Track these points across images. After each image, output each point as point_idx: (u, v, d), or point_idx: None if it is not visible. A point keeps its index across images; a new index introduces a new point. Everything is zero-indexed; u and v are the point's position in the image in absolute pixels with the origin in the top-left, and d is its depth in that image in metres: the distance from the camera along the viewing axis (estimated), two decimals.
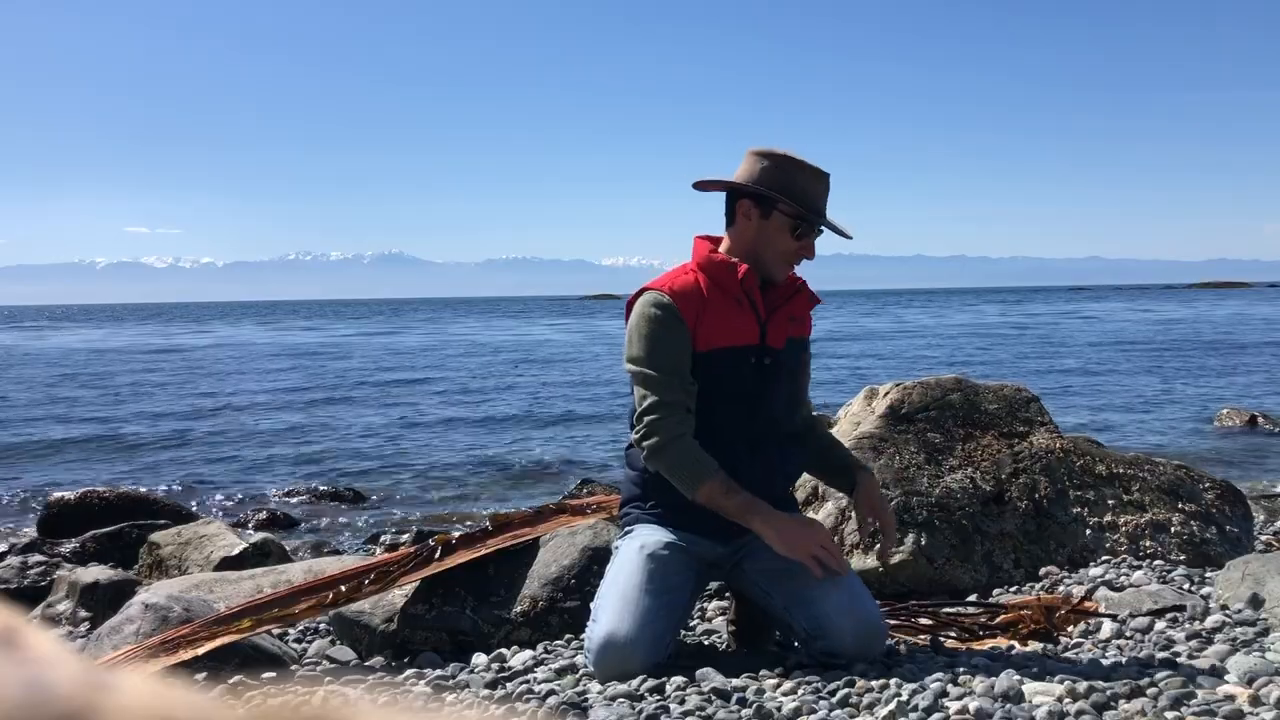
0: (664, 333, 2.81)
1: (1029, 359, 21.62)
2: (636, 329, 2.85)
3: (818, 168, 2.90)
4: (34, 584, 4.75)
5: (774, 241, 2.89)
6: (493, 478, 9.23)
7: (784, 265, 2.92)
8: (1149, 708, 2.25)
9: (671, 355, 2.81)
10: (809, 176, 2.88)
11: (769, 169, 2.87)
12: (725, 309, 2.87)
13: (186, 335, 45.71)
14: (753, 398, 2.90)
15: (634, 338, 2.85)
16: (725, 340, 2.85)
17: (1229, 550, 3.73)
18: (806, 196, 2.87)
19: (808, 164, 2.89)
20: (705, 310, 2.85)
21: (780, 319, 2.94)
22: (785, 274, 2.94)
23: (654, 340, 2.82)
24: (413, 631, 3.21)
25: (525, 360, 24.78)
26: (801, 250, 2.90)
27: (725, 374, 2.85)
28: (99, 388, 18.83)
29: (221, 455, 10.67)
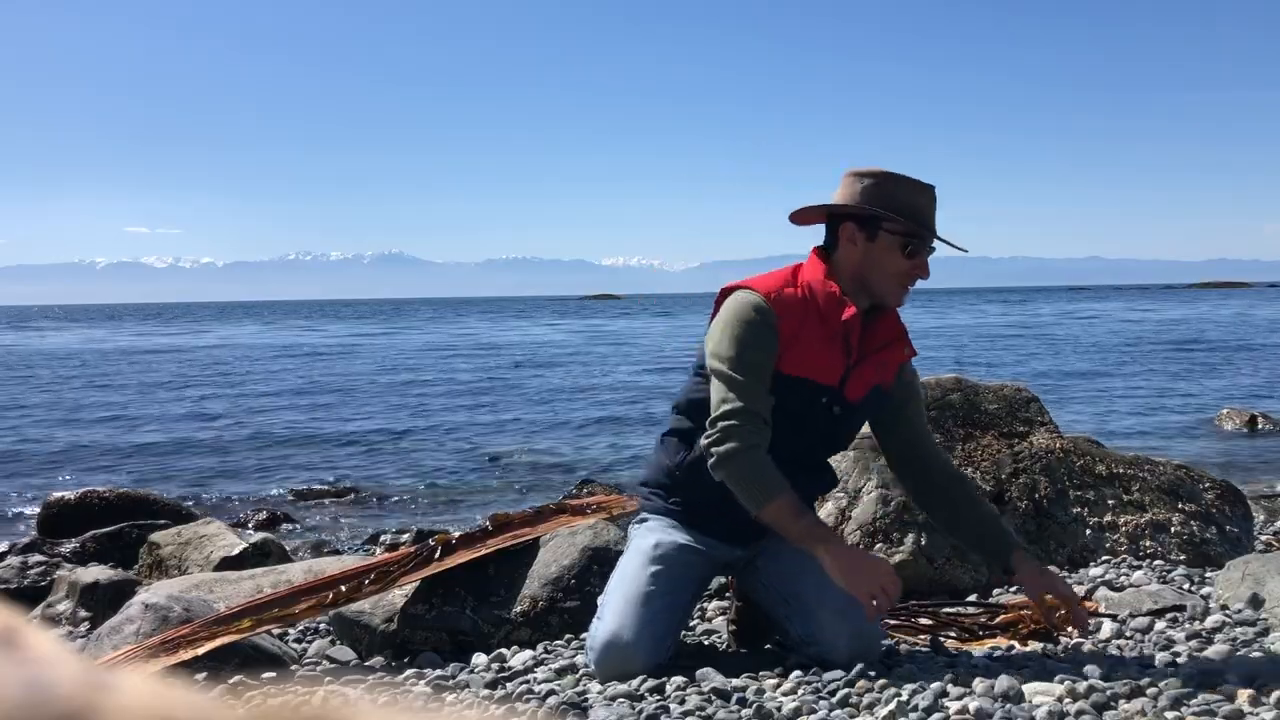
0: (757, 339, 2.67)
1: (1033, 358, 21.62)
2: (729, 327, 2.70)
3: (921, 181, 2.75)
4: (34, 584, 4.75)
5: (884, 263, 2.73)
6: (493, 478, 9.23)
7: (898, 288, 2.76)
8: (1149, 708, 2.25)
9: (759, 363, 2.67)
10: (913, 190, 2.73)
11: (869, 187, 2.72)
12: (819, 339, 2.72)
13: (186, 335, 45.71)
14: (808, 436, 2.79)
15: (723, 335, 2.70)
16: (807, 371, 2.71)
17: (1229, 550, 3.73)
18: (914, 211, 2.72)
19: (910, 178, 2.75)
20: (800, 332, 2.70)
21: (869, 367, 2.79)
22: (901, 297, 2.78)
23: (745, 344, 2.67)
24: (413, 631, 3.21)
25: (526, 360, 24.78)
26: (915, 269, 2.74)
27: (793, 404, 2.73)
28: (98, 388, 18.83)
29: (222, 455, 10.67)
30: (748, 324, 2.68)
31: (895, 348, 2.84)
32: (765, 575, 2.85)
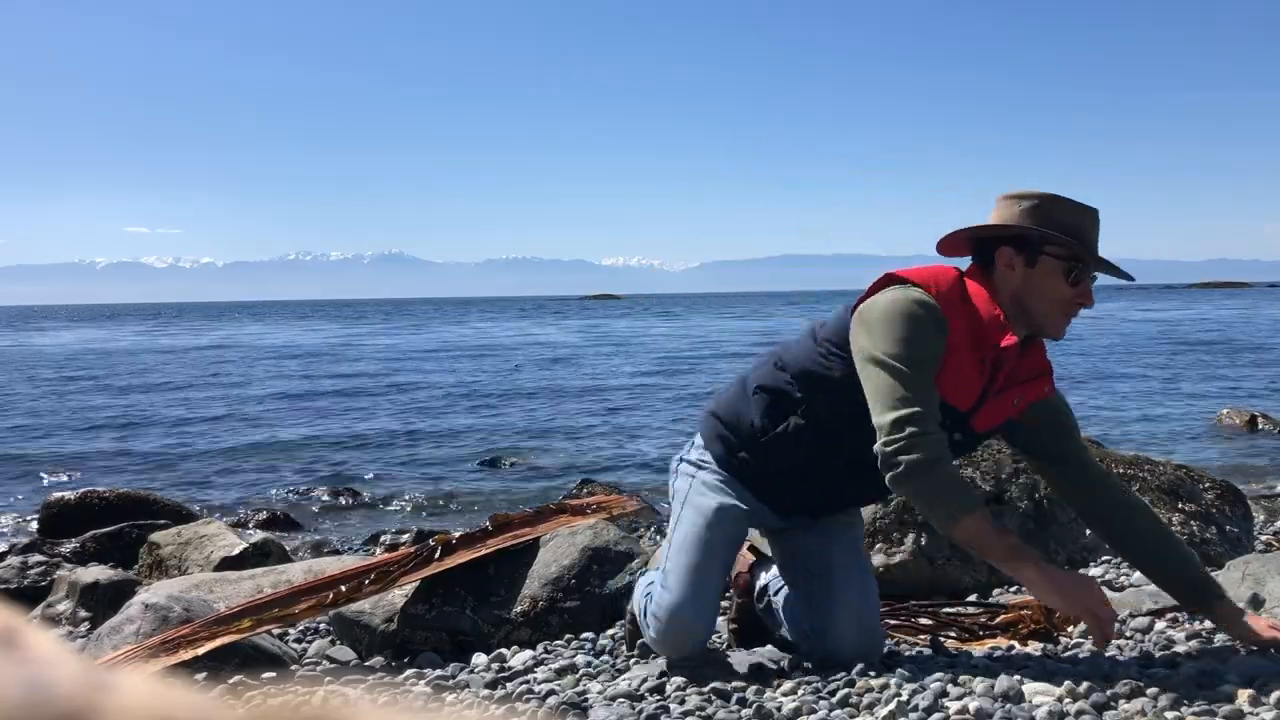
0: (930, 340, 2.45)
1: None
2: (892, 321, 2.45)
3: (1083, 203, 2.56)
4: (34, 584, 4.75)
5: (1045, 290, 2.52)
6: (493, 478, 9.23)
7: (1060, 317, 2.55)
8: (1149, 708, 2.25)
9: (929, 361, 2.45)
10: (1075, 211, 2.53)
11: (1029, 210, 2.52)
12: (968, 360, 2.51)
13: (186, 335, 45.72)
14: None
15: (886, 329, 2.45)
16: (944, 391, 2.49)
17: (1229, 550, 3.73)
18: (1077, 233, 2.51)
19: (1071, 199, 2.55)
20: (960, 346, 2.50)
21: (1005, 400, 2.60)
22: (1063, 328, 2.57)
23: (917, 342, 2.44)
24: (413, 631, 3.21)
25: (526, 362, 24.78)
26: (1079, 297, 2.53)
27: None
28: (98, 388, 18.83)
29: (222, 455, 10.67)
30: (916, 319, 2.45)
31: (1037, 384, 2.65)
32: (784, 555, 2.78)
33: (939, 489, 2.41)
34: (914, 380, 2.42)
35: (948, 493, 2.41)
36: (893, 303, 2.47)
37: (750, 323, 48.50)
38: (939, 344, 2.46)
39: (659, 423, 12.60)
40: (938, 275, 2.55)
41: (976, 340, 2.50)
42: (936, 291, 2.49)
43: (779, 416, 2.63)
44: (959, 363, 2.49)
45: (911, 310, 2.45)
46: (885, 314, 2.47)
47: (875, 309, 2.50)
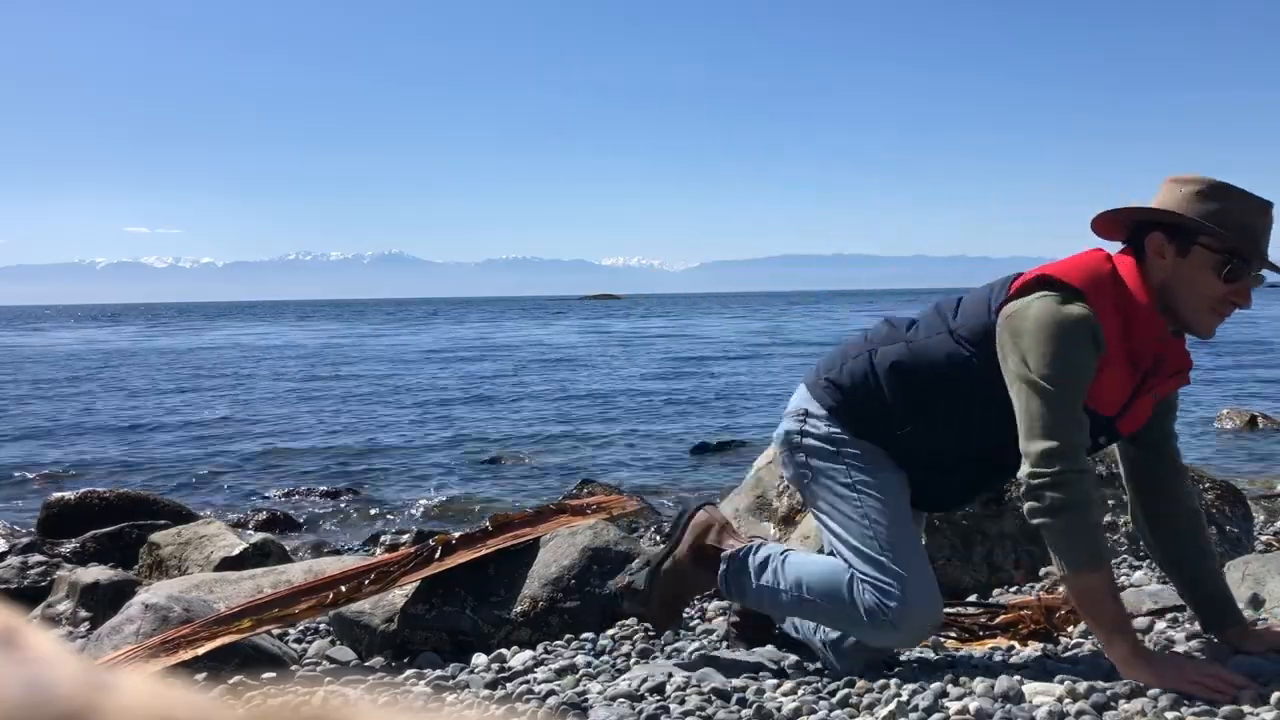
0: (1082, 358, 2.32)
1: None
2: (1048, 339, 2.30)
3: (1256, 196, 2.37)
4: (34, 584, 4.75)
5: (1195, 284, 2.35)
6: (493, 478, 9.23)
7: (1209, 315, 2.39)
8: (1149, 708, 2.25)
9: (1082, 383, 2.32)
10: (1244, 203, 2.35)
11: (1190, 195, 2.35)
12: (1119, 364, 2.38)
13: (186, 335, 45.73)
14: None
15: (1040, 347, 2.31)
16: (1095, 401, 2.38)
17: (1229, 550, 3.73)
18: (1242, 229, 2.33)
19: (1243, 191, 2.36)
20: (1112, 354, 2.37)
21: (1149, 400, 2.50)
22: (1212, 326, 2.41)
23: (1069, 362, 2.30)
24: (413, 631, 3.22)
25: (526, 361, 24.79)
26: (1234, 296, 2.36)
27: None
28: (98, 388, 18.83)
29: (222, 455, 10.67)
30: (1077, 343, 2.31)
31: (1178, 380, 2.54)
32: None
33: (1075, 534, 2.30)
34: (1066, 407, 2.30)
35: (1082, 541, 2.30)
36: (1049, 316, 2.32)
37: (751, 323, 48.52)
38: (1094, 363, 2.33)
39: (659, 423, 12.61)
40: (1094, 275, 2.38)
41: (1127, 336, 2.37)
42: (1094, 298, 2.34)
43: (918, 400, 2.49)
44: (1111, 370, 2.37)
45: (1069, 327, 2.30)
46: (1040, 329, 2.31)
47: (1028, 320, 2.34)
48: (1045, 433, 2.29)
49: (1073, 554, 2.30)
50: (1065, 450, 2.29)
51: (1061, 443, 2.28)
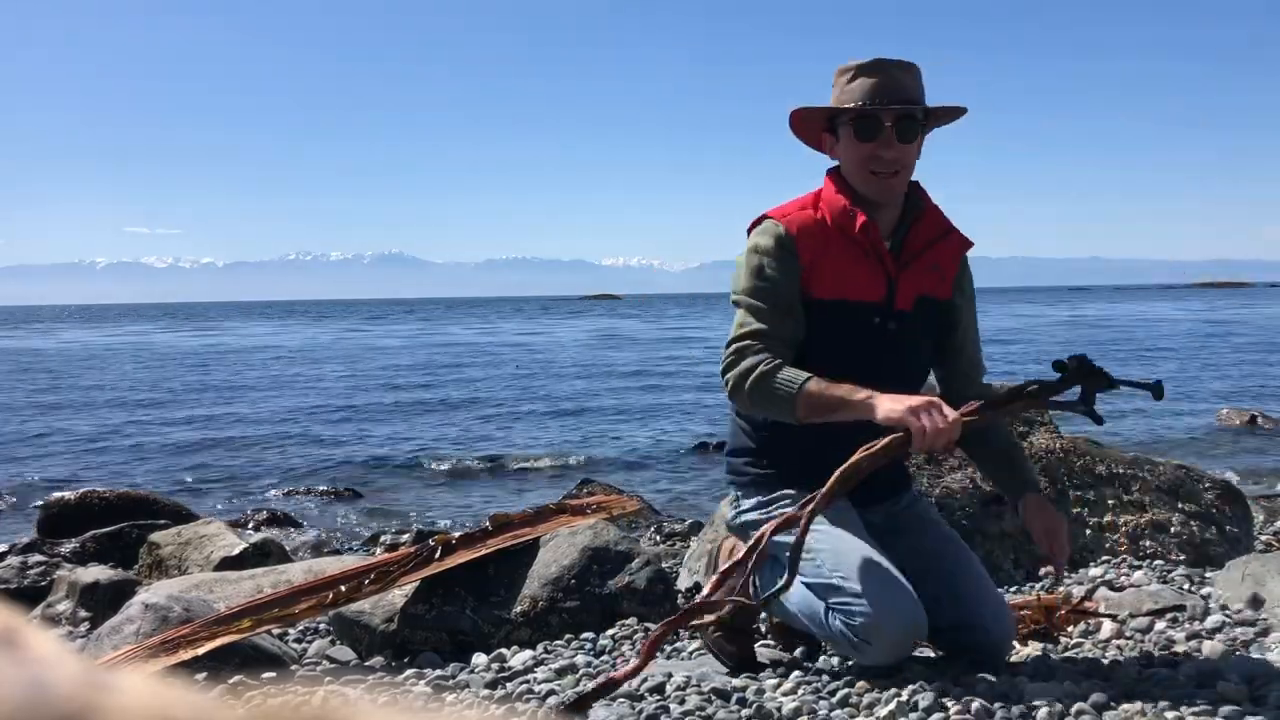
0: (773, 264, 2.52)
1: (1033, 358, 21.63)
2: (746, 258, 2.56)
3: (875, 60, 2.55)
4: (34, 584, 4.75)
5: (848, 156, 2.57)
6: (493, 478, 9.23)
7: (869, 179, 2.55)
8: (1149, 708, 2.25)
9: (777, 288, 2.51)
10: (860, 72, 2.54)
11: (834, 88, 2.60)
12: (849, 256, 2.54)
13: (186, 336, 45.72)
14: (870, 365, 2.52)
15: (742, 267, 2.57)
16: (843, 292, 2.53)
17: (1229, 550, 3.73)
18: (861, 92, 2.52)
19: (862, 62, 2.56)
20: (826, 252, 2.53)
21: (916, 272, 2.60)
22: (877, 187, 2.55)
23: (760, 271, 2.53)
24: (413, 631, 3.21)
25: (526, 361, 24.79)
26: (878, 150, 2.52)
27: (839, 332, 2.54)
28: (98, 388, 18.83)
29: (222, 455, 10.67)
30: (763, 251, 2.54)
31: (944, 245, 2.65)
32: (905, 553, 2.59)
33: (764, 387, 2.43)
34: (755, 308, 2.51)
35: (773, 382, 2.42)
36: (747, 245, 2.60)
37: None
38: (786, 264, 2.52)
39: (660, 423, 12.61)
40: (790, 203, 2.63)
41: (846, 237, 2.55)
42: (782, 217, 2.57)
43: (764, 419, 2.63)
44: (843, 264, 2.54)
45: (756, 244, 2.56)
46: (739, 259, 2.60)
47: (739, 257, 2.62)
48: (732, 336, 2.53)
49: (779, 395, 2.41)
50: (744, 334, 2.50)
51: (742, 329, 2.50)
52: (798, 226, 2.55)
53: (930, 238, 2.63)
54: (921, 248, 2.61)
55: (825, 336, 2.55)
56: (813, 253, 2.53)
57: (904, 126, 2.55)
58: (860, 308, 2.55)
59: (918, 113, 2.56)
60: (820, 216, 2.57)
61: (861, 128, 2.54)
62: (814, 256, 2.53)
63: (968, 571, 2.63)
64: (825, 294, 2.54)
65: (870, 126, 2.53)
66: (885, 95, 2.53)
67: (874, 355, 2.58)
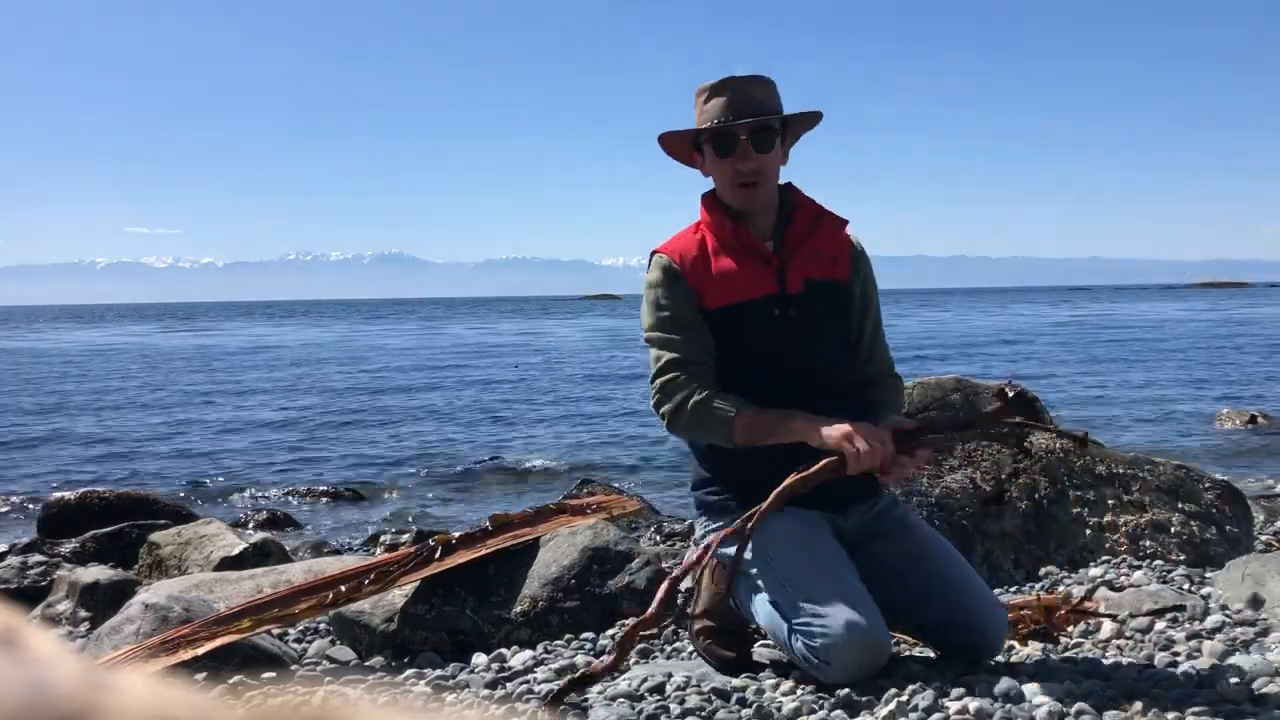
0: (667, 294, 2.67)
1: (1033, 358, 21.63)
2: (645, 297, 2.74)
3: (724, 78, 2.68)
4: (34, 584, 4.75)
5: (716, 175, 2.72)
6: (493, 478, 9.23)
7: (736, 192, 2.68)
8: (1149, 708, 2.25)
9: (679, 314, 2.65)
10: (712, 93, 2.68)
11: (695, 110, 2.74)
12: (733, 264, 2.67)
13: (187, 336, 45.72)
14: (776, 354, 2.64)
15: (644, 307, 2.73)
16: (735, 295, 2.65)
17: (1229, 550, 3.73)
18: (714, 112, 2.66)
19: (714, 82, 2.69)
20: (710, 266, 2.67)
21: (802, 258, 2.69)
22: (744, 200, 2.68)
23: (658, 303, 2.68)
24: (413, 631, 3.21)
25: (526, 360, 24.79)
26: (737, 164, 2.65)
27: (741, 331, 2.65)
28: (98, 389, 18.83)
29: (222, 455, 10.67)
30: (654, 285, 2.70)
31: (819, 232, 2.73)
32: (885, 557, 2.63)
33: (700, 413, 2.57)
34: (665, 339, 2.66)
35: (708, 412, 2.56)
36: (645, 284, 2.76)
37: None
38: (678, 289, 2.67)
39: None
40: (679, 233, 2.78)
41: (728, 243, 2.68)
42: (665, 247, 2.73)
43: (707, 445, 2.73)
44: (725, 273, 2.66)
45: (650, 279, 2.73)
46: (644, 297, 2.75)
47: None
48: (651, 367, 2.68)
49: (715, 425, 2.56)
50: (663, 366, 2.64)
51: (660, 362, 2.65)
52: (679, 253, 2.71)
53: (806, 227, 2.73)
54: (800, 238, 2.72)
55: (729, 342, 2.66)
56: (699, 273, 2.68)
57: (759, 138, 2.67)
58: (755, 305, 2.66)
59: (771, 122, 2.68)
60: (700, 237, 2.73)
61: (720, 145, 2.67)
62: (700, 275, 2.68)
63: (953, 570, 2.63)
64: (719, 303, 2.66)
65: (727, 143, 2.66)
66: (737, 110, 2.65)
67: (777, 348, 2.66)
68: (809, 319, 2.68)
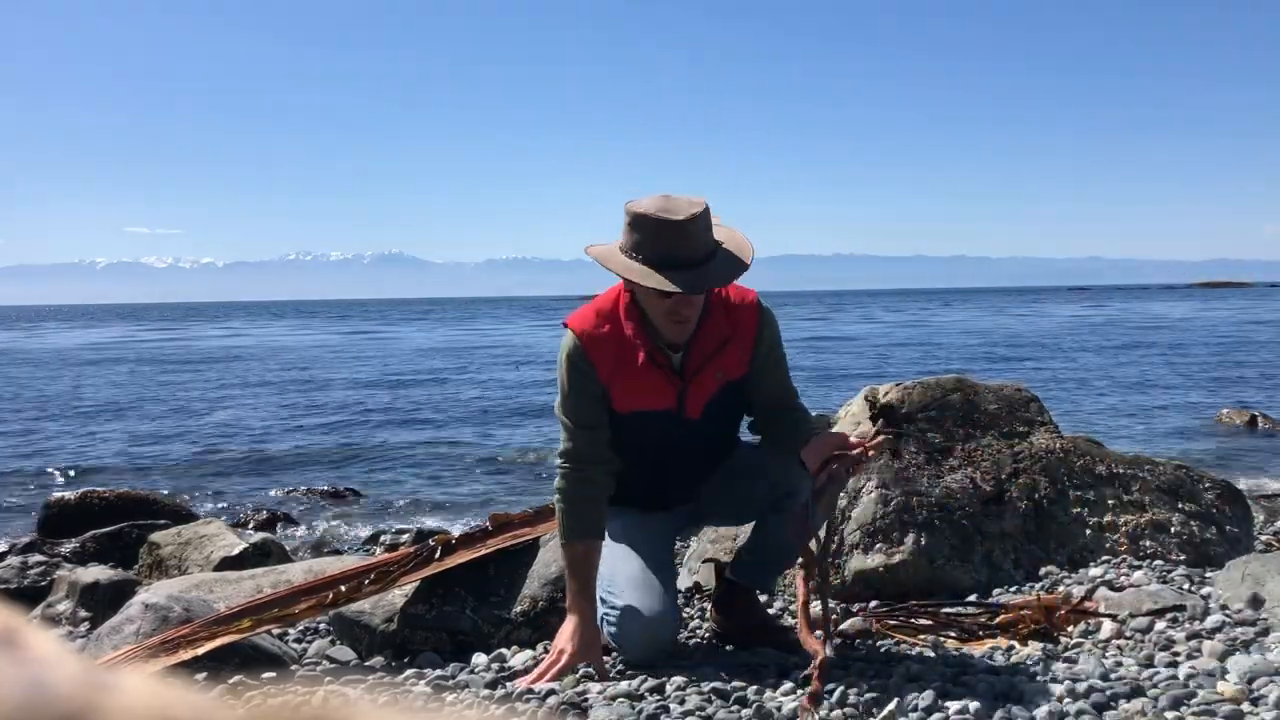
0: (575, 383, 2.83)
1: (1034, 358, 21.62)
2: (558, 369, 2.88)
3: (663, 218, 2.66)
4: (34, 584, 4.75)
5: (649, 305, 2.77)
6: (493, 478, 9.23)
7: (671, 325, 2.76)
8: (1149, 708, 2.25)
9: (584, 408, 2.84)
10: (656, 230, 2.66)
11: (627, 230, 2.73)
12: (641, 370, 2.80)
13: (187, 336, 45.72)
14: (669, 457, 2.93)
15: (558, 377, 2.89)
16: (640, 404, 2.83)
17: (1229, 550, 3.73)
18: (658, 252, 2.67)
19: (654, 216, 2.67)
20: (620, 368, 2.80)
21: (705, 379, 2.83)
22: (676, 334, 2.77)
23: (567, 389, 2.85)
24: (413, 631, 3.21)
25: (527, 360, 24.78)
26: (677, 307, 2.72)
27: (642, 436, 2.87)
28: (98, 389, 18.83)
29: (222, 455, 10.67)
30: (566, 368, 2.84)
31: (732, 348, 2.84)
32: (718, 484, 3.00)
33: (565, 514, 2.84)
34: (566, 426, 2.86)
35: (564, 521, 2.83)
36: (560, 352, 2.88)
37: None
38: (587, 383, 2.82)
39: None
40: (590, 311, 2.87)
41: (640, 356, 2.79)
42: (581, 332, 2.83)
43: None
44: (635, 377, 2.80)
45: (562, 358, 2.85)
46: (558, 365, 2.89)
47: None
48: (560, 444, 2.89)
49: (563, 528, 2.84)
50: (562, 453, 2.87)
51: (561, 447, 2.88)
52: (593, 343, 2.82)
53: (713, 347, 2.83)
54: (709, 354, 2.83)
55: (631, 439, 2.88)
56: (609, 368, 2.81)
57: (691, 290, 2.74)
58: (655, 416, 2.85)
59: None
60: (613, 333, 2.82)
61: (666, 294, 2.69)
62: (610, 372, 2.81)
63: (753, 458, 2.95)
64: (624, 408, 2.84)
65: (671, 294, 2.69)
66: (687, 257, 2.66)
67: (674, 449, 2.92)
68: (705, 429, 2.90)
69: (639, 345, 2.80)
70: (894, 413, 2.88)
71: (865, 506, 3.67)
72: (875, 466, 3.74)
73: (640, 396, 2.83)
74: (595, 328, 2.83)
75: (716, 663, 2.76)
